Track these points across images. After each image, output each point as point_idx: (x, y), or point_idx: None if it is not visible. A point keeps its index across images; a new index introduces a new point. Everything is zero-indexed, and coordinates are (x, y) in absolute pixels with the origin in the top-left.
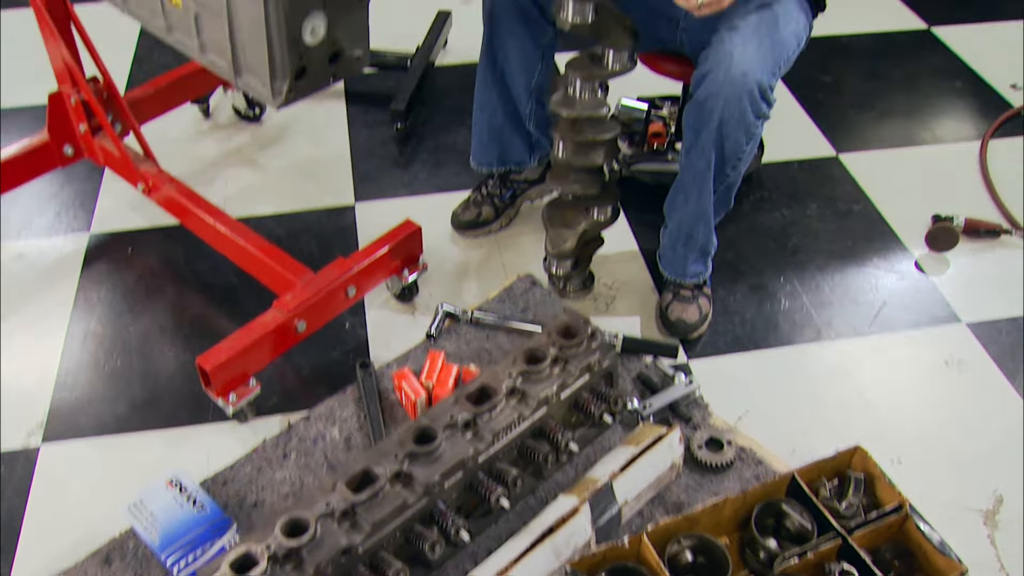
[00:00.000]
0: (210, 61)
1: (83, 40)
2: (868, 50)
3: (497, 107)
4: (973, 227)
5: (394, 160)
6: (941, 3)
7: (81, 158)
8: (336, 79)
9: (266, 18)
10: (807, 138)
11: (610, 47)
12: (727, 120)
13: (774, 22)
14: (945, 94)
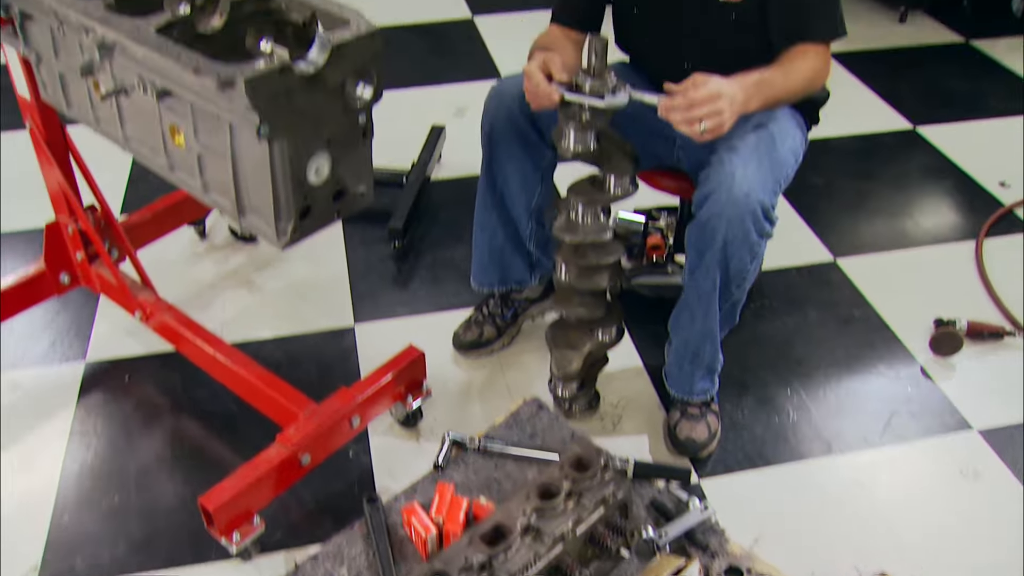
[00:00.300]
0: (213, 200)
1: (80, 169)
2: (856, 151)
3: (497, 228)
4: (976, 330)
5: (392, 278)
6: (924, 103)
7: (77, 286)
8: (340, 217)
9: (271, 161)
10: (803, 243)
11: (612, 173)
12: (731, 240)
13: (771, 141)
14: (935, 193)
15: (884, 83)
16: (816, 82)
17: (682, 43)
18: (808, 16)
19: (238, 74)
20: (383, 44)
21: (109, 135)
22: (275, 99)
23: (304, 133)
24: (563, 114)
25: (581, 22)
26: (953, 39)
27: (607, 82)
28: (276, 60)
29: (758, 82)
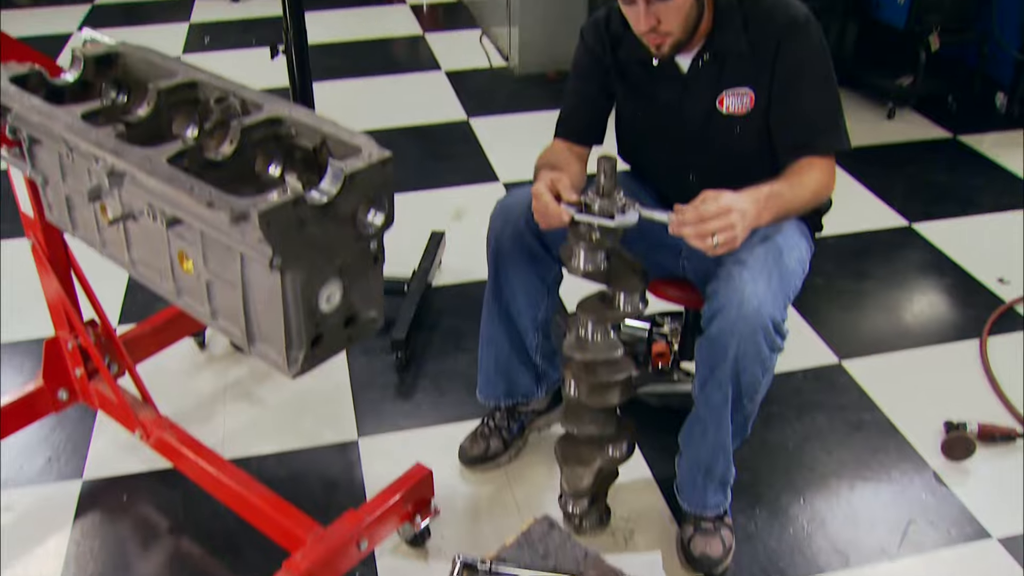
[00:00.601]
0: (222, 327)
1: (81, 283)
2: (854, 250)
3: (503, 341)
4: (988, 433)
5: (395, 390)
6: (917, 198)
7: (76, 402)
8: (352, 343)
9: (283, 292)
10: (808, 346)
11: (621, 291)
12: (742, 356)
13: (779, 253)
14: (935, 291)
15: (876, 180)
16: (823, 194)
17: (686, 154)
18: (814, 131)
19: (252, 208)
20: (394, 170)
21: (115, 258)
22: (288, 231)
23: (316, 263)
24: (573, 234)
25: (584, 136)
26: (941, 135)
27: (616, 201)
28: (289, 191)
29: (768, 196)
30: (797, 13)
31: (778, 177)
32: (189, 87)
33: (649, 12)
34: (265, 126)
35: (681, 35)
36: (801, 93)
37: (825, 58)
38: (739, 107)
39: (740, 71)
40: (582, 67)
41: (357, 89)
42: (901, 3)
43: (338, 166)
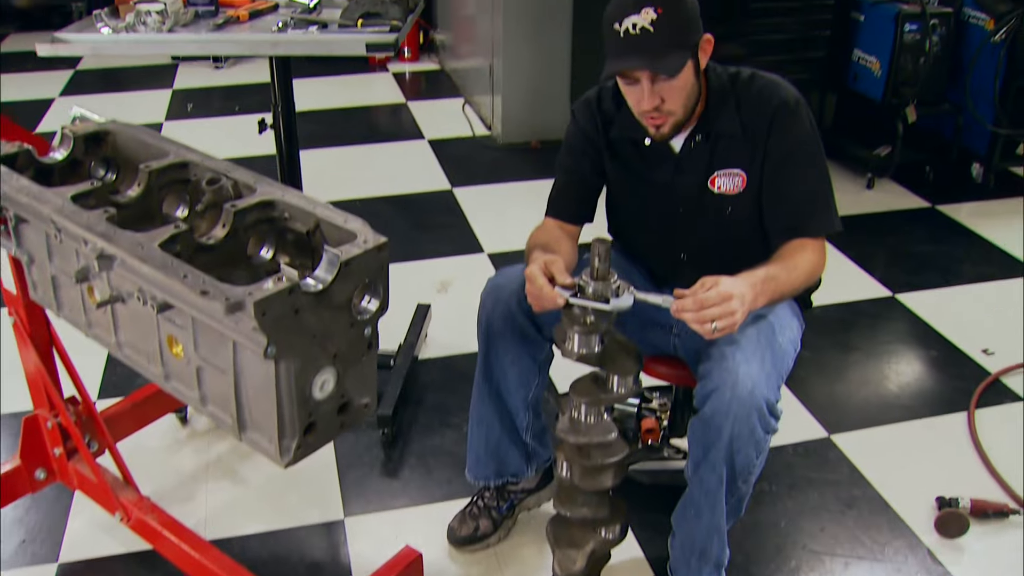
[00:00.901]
0: (212, 414)
1: (63, 360)
2: (838, 321)
3: (494, 421)
4: (980, 509)
5: (382, 467)
6: (900, 268)
7: (53, 482)
8: (345, 430)
9: (276, 380)
10: (797, 420)
11: (615, 373)
12: (737, 437)
13: (772, 333)
14: (921, 362)
15: (859, 249)
16: (816, 275)
17: (677, 234)
18: (805, 214)
19: (247, 297)
20: (388, 255)
21: (100, 340)
22: (283, 319)
23: (311, 351)
24: (567, 317)
25: (576, 215)
26: (920, 204)
27: (611, 284)
28: (285, 279)
29: (764, 280)
30: (788, 96)
31: (772, 260)
32: (180, 167)
33: (654, 92)
34: (258, 209)
35: (682, 115)
36: (793, 176)
37: (815, 140)
38: (731, 187)
39: (732, 152)
40: (573, 146)
41: (340, 157)
42: (878, 76)
43: (333, 253)
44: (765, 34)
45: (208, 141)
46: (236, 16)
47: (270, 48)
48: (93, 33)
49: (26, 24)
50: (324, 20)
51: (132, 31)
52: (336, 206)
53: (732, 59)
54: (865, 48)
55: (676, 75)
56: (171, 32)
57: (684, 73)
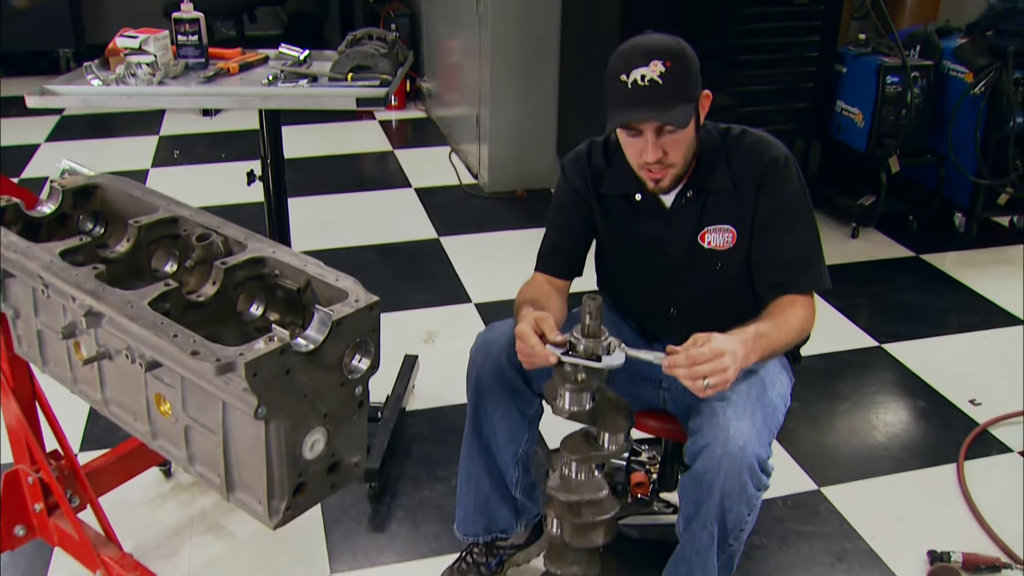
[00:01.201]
0: (200, 473)
1: (45, 414)
2: (824, 371)
3: (483, 477)
4: (972, 563)
5: (369, 521)
6: (885, 318)
7: (33, 538)
8: (336, 490)
9: (266, 441)
10: (786, 472)
11: (606, 431)
12: (728, 494)
13: (762, 388)
14: (908, 413)
15: (844, 299)
16: (806, 331)
17: (667, 289)
18: (795, 270)
19: (238, 358)
20: (380, 314)
21: (86, 396)
22: (274, 380)
23: (301, 411)
24: (558, 375)
25: (566, 270)
26: (904, 253)
27: (603, 342)
28: (276, 339)
29: (755, 336)
30: (778, 152)
31: (762, 317)
32: (170, 222)
33: (657, 145)
34: (248, 266)
35: (682, 168)
36: (782, 233)
37: (804, 197)
38: (721, 243)
39: (722, 208)
40: (563, 202)
41: (326, 205)
42: (861, 127)
43: (325, 312)
44: (750, 85)
45: (195, 188)
46: (226, 68)
47: (261, 102)
48: (83, 85)
49: (13, 69)
50: (314, 73)
51: (122, 83)
52: (323, 255)
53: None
54: (848, 100)
55: (685, 126)
56: (161, 84)
57: (687, 128)
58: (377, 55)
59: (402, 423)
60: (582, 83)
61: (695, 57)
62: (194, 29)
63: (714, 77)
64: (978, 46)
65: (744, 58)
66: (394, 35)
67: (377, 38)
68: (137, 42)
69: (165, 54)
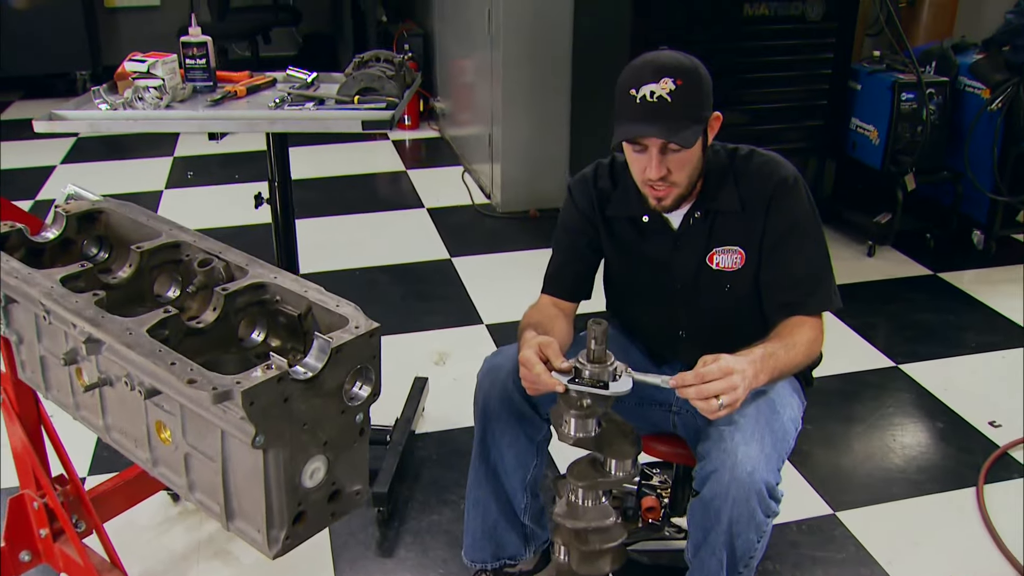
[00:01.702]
0: (200, 501)
1: (51, 439)
2: (840, 392)
3: (491, 503)
4: None
5: (377, 546)
6: (902, 337)
7: (38, 564)
8: (337, 519)
9: (264, 470)
10: (801, 496)
11: (613, 457)
12: (737, 520)
13: (772, 411)
14: (927, 435)
15: (860, 318)
16: (815, 352)
17: (675, 311)
18: (804, 291)
19: (235, 386)
20: (380, 341)
21: (88, 422)
22: (272, 408)
23: (300, 439)
24: (564, 402)
25: (572, 293)
26: (921, 272)
27: (608, 367)
28: (274, 367)
29: (763, 358)
30: (787, 173)
31: (770, 338)
32: (172, 248)
33: (661, 162)
34: (249, 292)
35: (685, 188)
36: (791, 254)
37: (813, 217)
38: (730, 264)
39: (731, 229)
40: (570, 224)
41: (338, 226)
42: (876, 144)
43: (324, 339)
44: (763, 102)
45: (207, 209)
46: (234, 92)
47: (267, 125)
48: (91, 110)
49: (30, 92)
50: (321, 96)
51: (130, 107)
52: (333, 276)
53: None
54: (863, 117)
55: (691, 147)
56: (168, 108)
57: (693, 148)
58: (384, 77)
59: (411, 446)
60: (594, 103)
61: (708, 77)
62: (202, 53)
63: (726, 95)
64: (994, 62)
65: (757, 75)
66: (401, 57)
67: (385, 60)
68: (145, 66)
69: (173, 78)
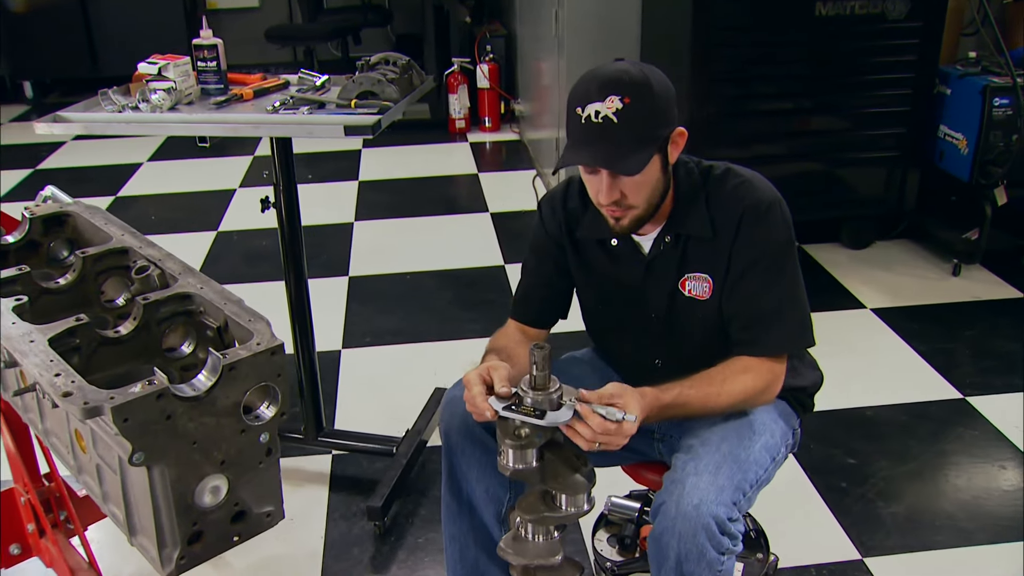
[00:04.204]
0: (110, 512)
1: (38, 439)
2: (898, 425)
3: (468, 538)
4: None
5: (370, 562)
6: (976, 367)
7: (29, 557)
8: (244, 540)
9: (151, 487)
10: (827, 537)
11: (562, 492)
12: (685, 558)
13: (737, 440)
14: (986, 479)
15: (931, 343)
16: (754, 402)
17: (650, 339)
18: (756, 329)
19: (106, 402)
20: (285, 359)
21: (33, 425)
22: (151, 425)
23: (191, 457)
24: (501, 430)
25: (539, 319)
26: (1011, 294)
27: (551, 395)
28: (156, 383)
29: (670, 405)
30: (761, 197)
31: (697, 380)
32: (119, 253)
33: (614, 186)
34: (173, 302)
35: (644, 211)
36: (755, 287)
37: (784, 248)
38: (700, 292)
39: (701, 255)
40: (537, 246)
41: (398, 228)
42: (964, 154)
43: (216, 356)
44: (839, 108)
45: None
46: (240, 95)
47: (252, 130)
48: (99, 111)
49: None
50: (323, 100)
51: (135, 110)
52: (380, 279)
53: (804, 136)
54: (952, 124)
55: (635, 174)
56: (172, 110)
57: (649, 169)
58: (384, 81)
59: (423, 459)
60: None
61: (666, 90)
62: (212, 55)
63: (797, 100)
64: None
65: (831, 79)
66: (407, 60)
67: (393, 63)
68: (156, 68)
69: (186, 80)
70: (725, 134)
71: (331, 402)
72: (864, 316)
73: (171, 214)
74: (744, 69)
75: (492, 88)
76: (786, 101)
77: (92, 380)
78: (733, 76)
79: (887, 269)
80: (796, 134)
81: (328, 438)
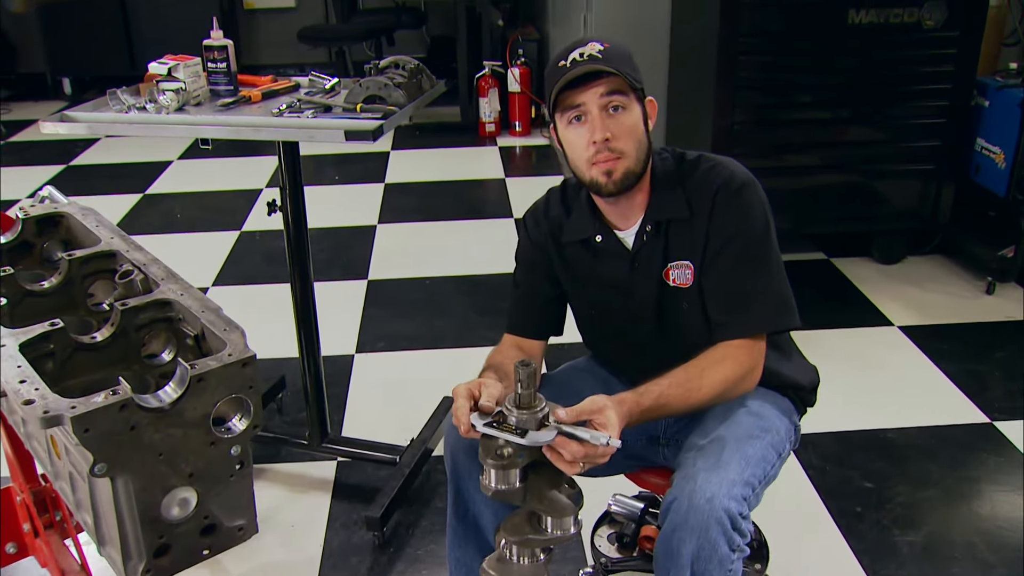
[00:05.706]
0: (83, 520)
1: None
2: (920, 449)
3: (476, 563)
4: None
5: (367, 572)
6: (1005, 390)
7: (25, 556)
8: (214, 553)
9: (115, 498)
10: (839, 564)
11: (547, 514)
12: (699, 556)
13: (748, 435)
14: (1010, 508)
15: (961, 364)
16: (737, 390)
17: (641, 336)
18: (736, 311)
19: (67, 411)
20: (257, 371)
21: (16, 427)
22: (114, 436)
23: (157, 470)
24: (483, 448)
25: (533, 331)
26: None
27: (536, 414)
28: (120, 393)
29: (649, 409)
30: (734, 175)
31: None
32: (106, 257)
33: (604, 124)
34: (153, 308)
35: (633, 163)
36: (729, 267)
37: (760, 227)
38: (683, 280)
39: (682, 241)
40: (524, 258)
41: (421, 232)
42: (1002, 168)
43: (184, 367)
44: (872, 120)
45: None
46: (248, 96)
47: (252, 133)
48: (107, 111)
49: None
50: (329, 104)
51: (141, 111)
52: (399, 284)
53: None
54: (989, 137)
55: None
56: (179, 111)
57: (634, 114)
58: (390, 85)
59: (428, 468)
60: (687, 114)
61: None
62: (222, 56)
63: (828, 110)
64: None
65: (864, 89)
66: (416, 64)
67: (402, 67)
68: (166, 68)
69: (196, 81)
70: (754, 142)
71: (341, 407)
72: (891, 333)
73: (196, 213)
74: (774, 77)
75: (523, 92)
76: (817, 111)
77: (67, 386)
78: (763, 84)
79: (918, 285)
80: (827, 144)
81: (332, 444)
